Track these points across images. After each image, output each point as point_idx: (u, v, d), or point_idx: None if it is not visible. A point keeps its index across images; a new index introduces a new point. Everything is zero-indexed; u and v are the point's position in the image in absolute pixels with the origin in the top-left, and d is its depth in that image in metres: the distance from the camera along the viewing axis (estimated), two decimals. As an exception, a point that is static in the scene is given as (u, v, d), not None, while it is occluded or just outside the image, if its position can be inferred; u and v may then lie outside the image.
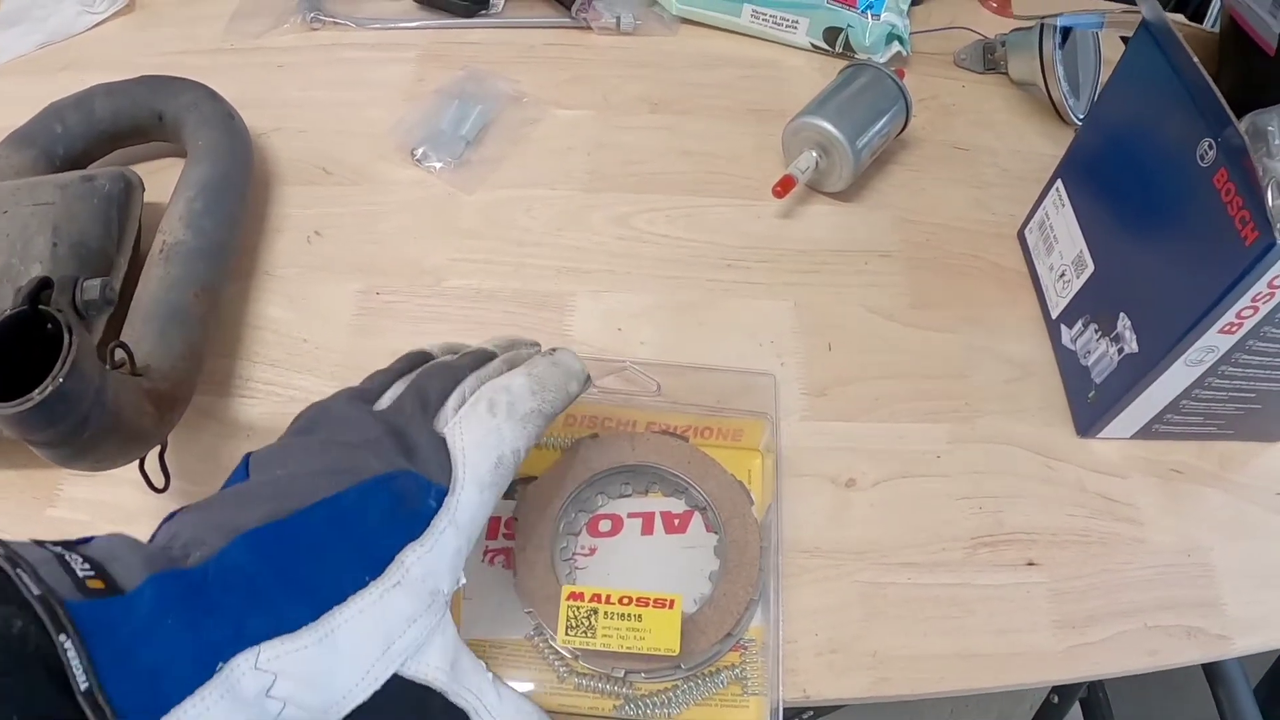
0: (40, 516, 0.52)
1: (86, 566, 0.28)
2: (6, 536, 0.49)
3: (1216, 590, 0.52)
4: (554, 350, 0.45)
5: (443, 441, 0.37)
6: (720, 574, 0.49)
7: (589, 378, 0.46)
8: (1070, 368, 0.59)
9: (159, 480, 0.49)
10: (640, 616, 0.44)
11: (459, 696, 0.33)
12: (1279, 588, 0.52)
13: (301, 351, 0.58)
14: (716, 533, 0.51)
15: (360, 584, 0.31)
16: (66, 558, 0.28)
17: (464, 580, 0.35)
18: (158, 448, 0.48)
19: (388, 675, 0.31)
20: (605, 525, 0.52)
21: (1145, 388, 0.52)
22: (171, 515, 0.33)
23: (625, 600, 0.45)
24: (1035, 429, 0.57)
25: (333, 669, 0.30)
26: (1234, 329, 0.46)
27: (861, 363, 0.59)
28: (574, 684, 0.46)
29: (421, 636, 0.33)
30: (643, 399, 0.55)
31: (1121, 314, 0.53)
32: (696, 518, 0.52)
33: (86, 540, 0.30)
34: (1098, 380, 0.55)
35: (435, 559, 0.33)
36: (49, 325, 0.39)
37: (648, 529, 0.51)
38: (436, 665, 0.33)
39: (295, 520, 0.31)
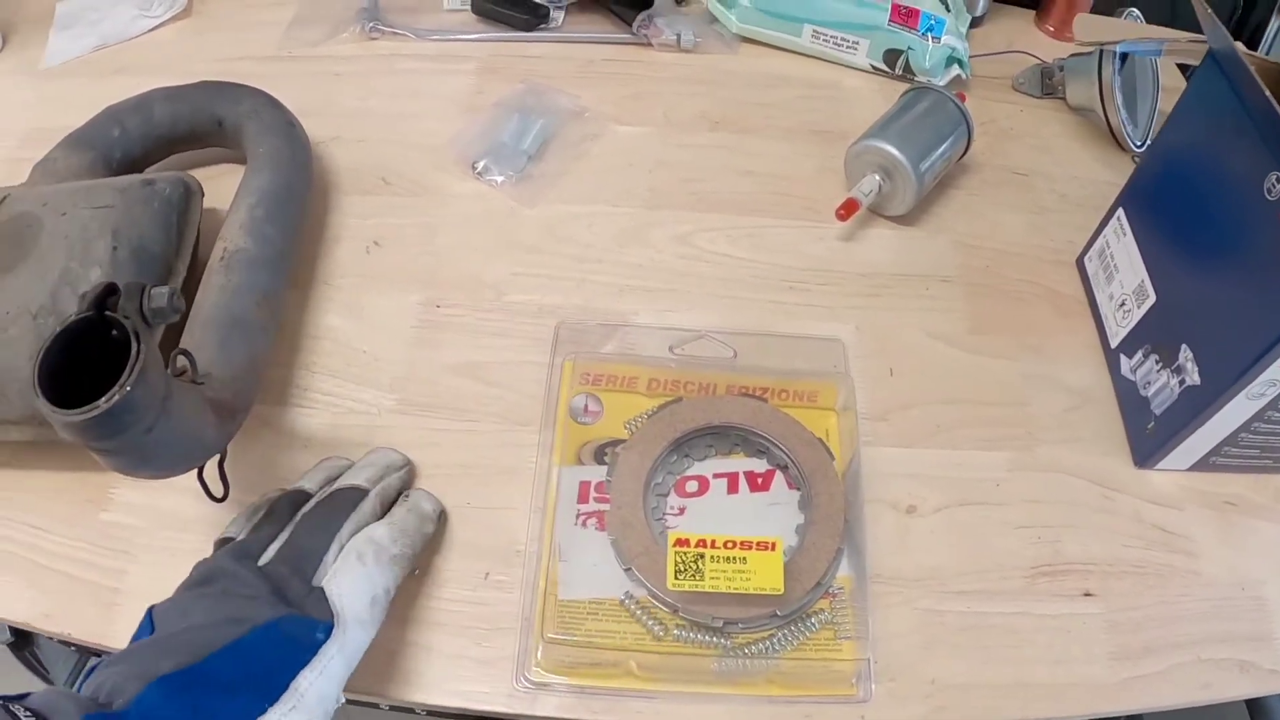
0: (94, 520, 0.52)
1: (31, 716, 0.33)
2: (59, 539, 0.50)
3: (1270, 625, 0.52)
4: (408, 495, 0.51)
5: (321, 592, 0.42)
6: (806, 526, 0.51)
7: (443, 512, 0.52)
8: (1129, 398, 0.59)
9: (218, 489, 0.49)
10: (745, 559, 0.47)
11: None
12: (1332, 624, 0.52)
13: (360, 362, 0.59)
14: (799, 488, 0.53)
15: (260, 711, 0.36)
16: (12, 708, 0.33)
17: (342, 700, 0.41)
18: (217, 457, 0.48)
19: None
20: (692, 486, 0.54)
21: (1205, 420, 0.52)
22: (93, 668, 0.38)
23: (730, 544, 0.47)
24: (1093, 459, 0.57)
25: None
26: (1297, 362, 0.46)
27: (922, 388, 0.59)
28: (671, 638, 0.48)
29: None
30: (720, 365, 0.58)
31: (1184, 345, 0.53)
32: (779, 476, 0.54)
33: (25, 695, 0.35)
34: (1157, 411, 0.55)
35: (326, 682, 0.39)
36: (114, 332, 0.39)
37: (733, 488, 0.54)
38: None
39: (203, 665, 0.37)
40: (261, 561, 0.43)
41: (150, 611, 0.41)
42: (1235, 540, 0.55)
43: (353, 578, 0.43)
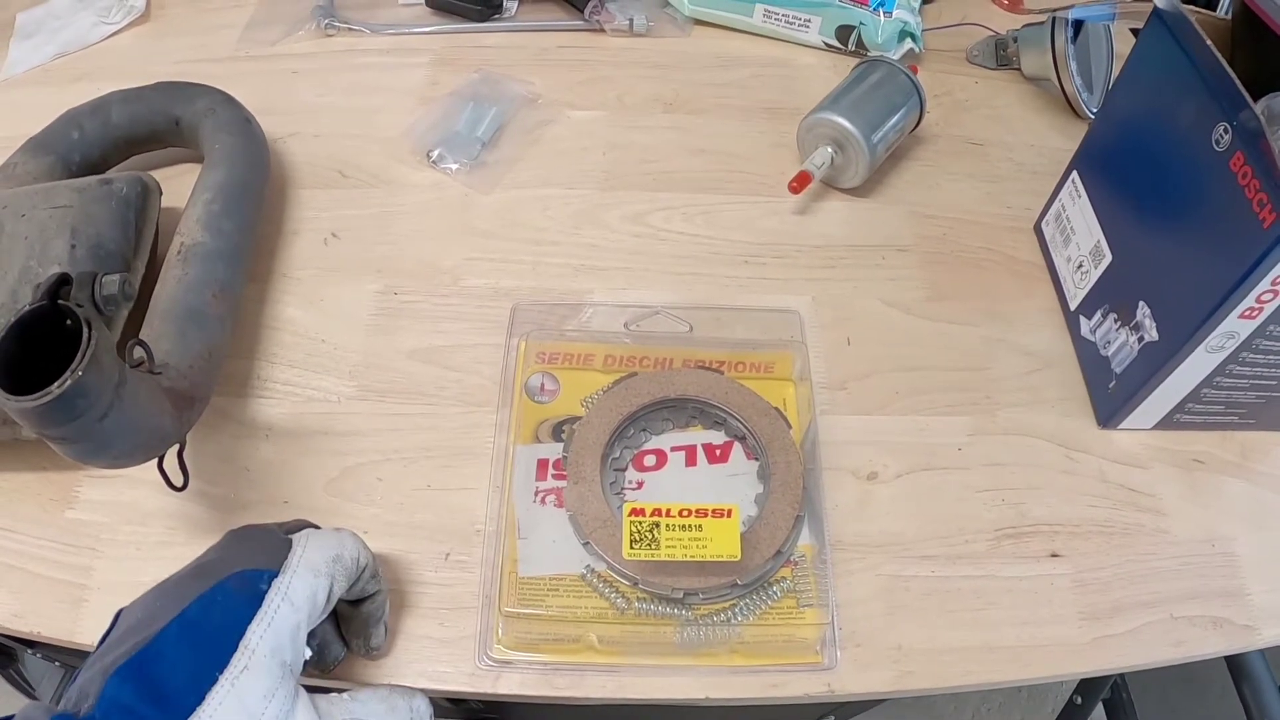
0: (60, 519, 0.52)
1: None
2: (25, 539, 0.50)
3: (1241, 580, 0.51)
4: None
5: (288, 540, 0.41)
6: (765, 496, 0.51)
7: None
8: (1090, 359, 0.59)
9: (178, 479, 0.48)
10: (701, 526, 0.47)
11: None
12: (1305, 577, 0.52)
13: (320, 352, 0.59)
14: (758, 458, 0.53)
15: (212, 680, 0.35)
16: None
17: (309, 654, 0.39)
18: (176, 447, 0.48)
19: None
20: (650, 460, 0.54)
21: (1166, 376, 0.52)
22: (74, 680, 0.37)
23: (685, 512, 0.47)
24: (1056, 420, 0.57)
25: None
26: (1254, 314, 0.46)
27: (880, 356, 0.59)
28: (634, 612, 0.48)
29: (286, 706, 0.36)
30: (676, 340, 0.58)
31: (1141, 303, 0.53)
32: (737, 447, 0.54)
33: (9, 717, 0.35)
34: (1118, 370, 0.55)
35: (276, 633, 0.37)
36: (69, 322, 0.39)
37: (691, 461, 0.54)
38: (308, 717, 0.37)
39: (151, 646, 0.35)
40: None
41: (118, 614, 0.40)
42: (1204, 498, 0.55)
43: (324, 536, 0.42)
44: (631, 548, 0.46)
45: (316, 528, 0.45)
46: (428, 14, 0.81)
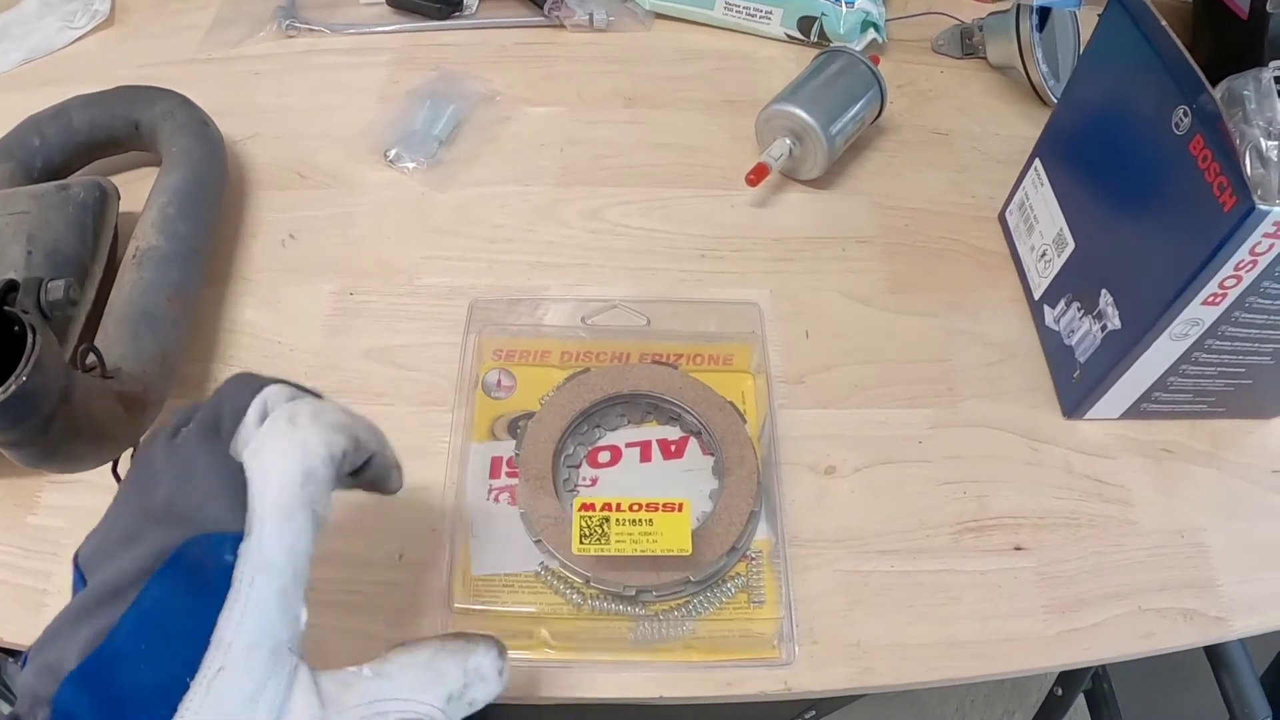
0: (21, 524, 0.52)
1: None
2: None
3: (1212, 571, 0.51)
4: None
5: (238, 469, 0.32)
6: (720, 491, 0.51)
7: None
8: (1054, 348, 0.58)
9: (131, 483, 0.48)
10: (651, 521, 0.46)
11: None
12: (1276, 567, 0.51)
13: (276, 354, 0.58)
14: (713, 454, 0.53)
15: (183, 686, 0.28)
16: None
17: (305, 617, 0.32)
18: (130, 450, 0.48)
19: None
20: (604, 456, 0.54)
21: (1130, 364, 0.51)
22: (25, 658, 0.31)
23: (635, 507, 0.47)
24: (1019, 411, 0.56)
25: None
26: (1218, 300, 0.46)
27: (839, 349, 0.59)
28: (587, 609, 0.48)
29: (278, 700, 0.30)
30: (633, 333, 0.58)
31: (1103, 290, 0.52)
32: (692, 442, 0.54)
33: None
34: (1082, 359, 0.55)
35: (255, 616, 0.30)
36: (16, 328, 0.39)
37: (645, 457, 0.54)
38: (306, 714, 0.30)
39: (106, 646, 0.29)
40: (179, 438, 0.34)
41: (77, 560, 0.33)
42: (1173, 487, 0.54)
43: (282, 445, 0.33)
44: (581, 543, 0.46)
45: (264, 383, 0.35)
46: (389, 13, 0.81)
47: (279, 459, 0.32)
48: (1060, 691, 0.85)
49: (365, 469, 0.38)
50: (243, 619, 0.30)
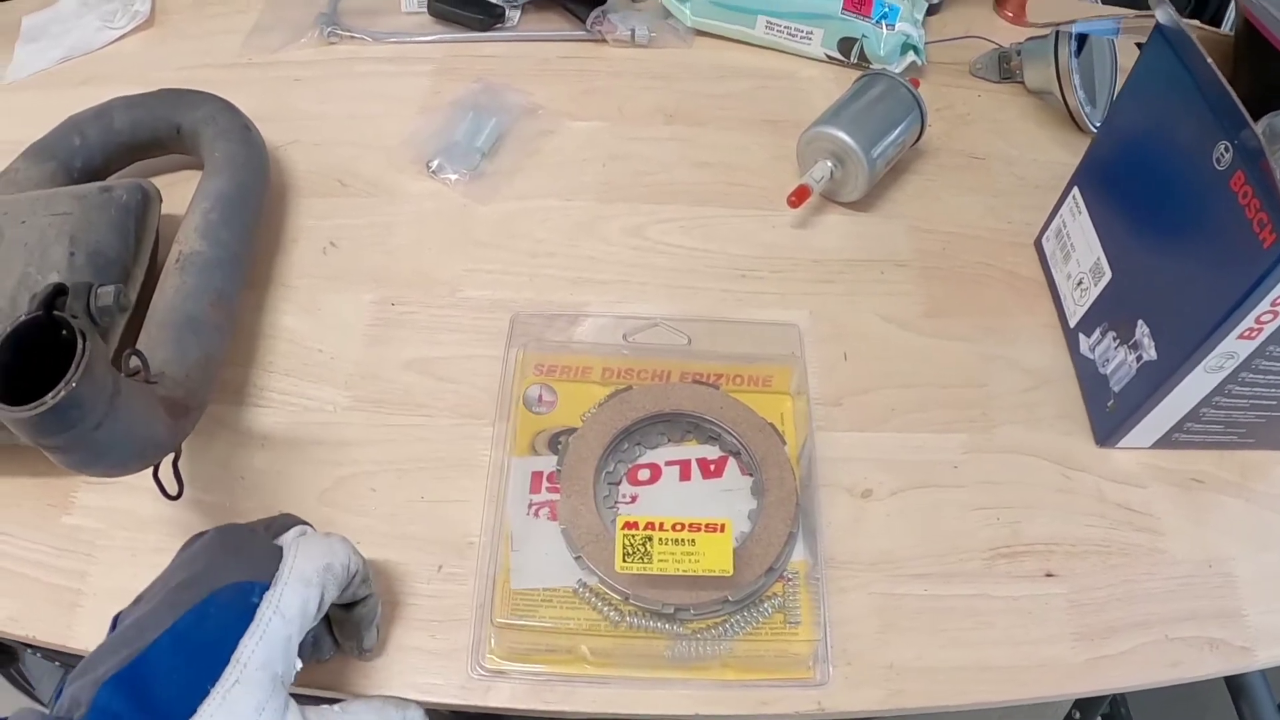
0: (56, 524, 0.52)
1: None
2: (22, 544, 0.50)
3: (1238, 601, 0.51)
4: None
5: (278, 549, 0.41)
6: (759, 512, 0.51)
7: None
8: (1088, 376, 0.58)
9: (173, 487, 0.49)
10: (694, 541, 0.47)
11: None
12: (1302, 599, 0.51)
13: (316, 361, 0.59)
14: (752, 474, 0.53)
15: (204, 692, 0.35)
16: None
17: (299, 666, 0.39)
18: (171, 455, 0.48)
19: None
20: (644, 474, 0.54)
21: (1164, 395, 0.51)
22: (64, 686, 0.37)
23: (678, 526, 0.47)
24: (1053, 438, 0.57)
25: None
26: (1254, 334, 0.46)
27: (877, 372, 0.59)
28: (625, 626, 0.48)
29: (276, 718, 0.36)
30: (674, 352, 0.58)
31: (1140, 321, 0.52)
32: (731, 462, 0.54)
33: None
34: (1116, 389, 0.55)
35: (268, 646, 0.37)
36: (64, 332, 0.40)
37: (685, 475, 0.54)
38: None
39: (144, 657, 0.36)
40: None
41: (116, 617, 0.40)
42: (1202, 517, 0.54)
43: (314, 541, 0.42)
44: (624, 561, 0.46)
45: (304, 524, 0.45)
46: (430, 23, 0.81)
47: (310, 548, 0.41)
48: (1078, 715, 0.85)
49: (358, 605, 0.45)
50: (258, 645, 0.37)
